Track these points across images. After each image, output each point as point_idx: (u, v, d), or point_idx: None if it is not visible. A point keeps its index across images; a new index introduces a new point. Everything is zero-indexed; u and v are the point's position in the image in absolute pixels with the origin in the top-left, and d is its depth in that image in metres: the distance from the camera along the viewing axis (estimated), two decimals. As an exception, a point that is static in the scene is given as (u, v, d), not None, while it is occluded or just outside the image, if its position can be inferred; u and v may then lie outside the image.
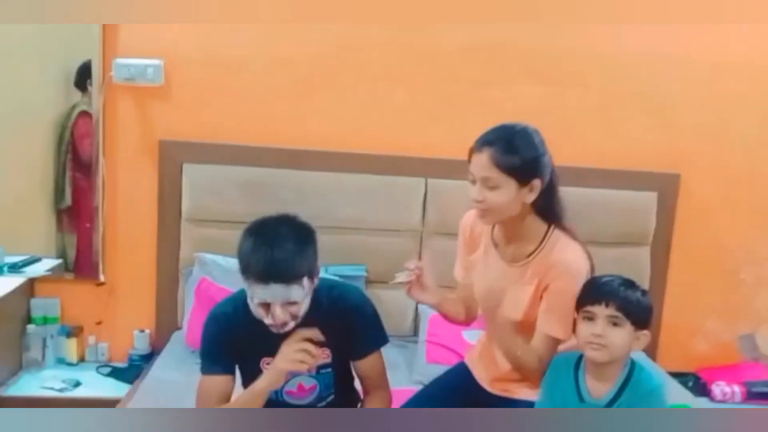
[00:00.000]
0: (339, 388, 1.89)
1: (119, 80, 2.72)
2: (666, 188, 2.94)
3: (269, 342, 1.73)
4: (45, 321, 2.80)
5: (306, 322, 1.75)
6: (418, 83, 2.83)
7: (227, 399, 1.78)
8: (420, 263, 1.87)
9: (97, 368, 2.79)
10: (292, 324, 1.71)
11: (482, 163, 1.72)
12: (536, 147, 1.75)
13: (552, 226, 1.82)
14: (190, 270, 2.76)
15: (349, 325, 1.82)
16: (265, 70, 2.79)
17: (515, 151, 1.72)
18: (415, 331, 2.81)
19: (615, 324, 1.70)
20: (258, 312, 1.70)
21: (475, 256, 1.94)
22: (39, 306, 2.80)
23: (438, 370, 2.40)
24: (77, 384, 2.66)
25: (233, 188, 2.75)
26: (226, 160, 2.78)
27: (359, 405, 1.94)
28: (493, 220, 1.83)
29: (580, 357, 1.79)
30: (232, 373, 1.80)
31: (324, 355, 1.81)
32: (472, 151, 1.75)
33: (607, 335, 1.69)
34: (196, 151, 2.79)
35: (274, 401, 1.84)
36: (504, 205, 1.75)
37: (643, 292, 1.75)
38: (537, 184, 1.75)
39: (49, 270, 2.84)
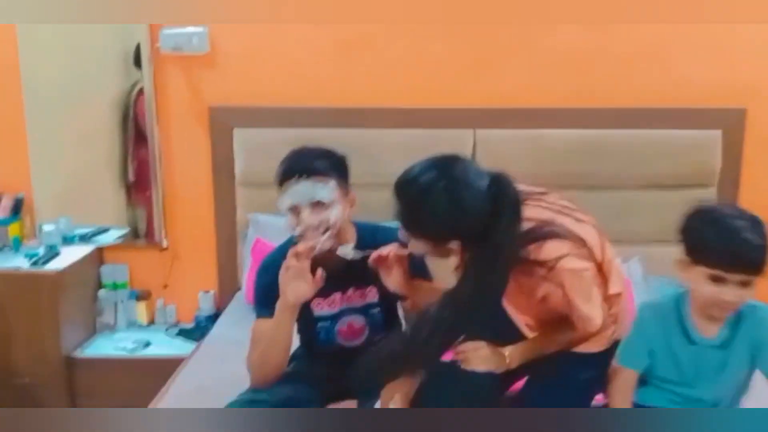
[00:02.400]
0: (389, 332, 1.91)
1: (166, 50, 2.78)
2: (731, 125, 2.77)
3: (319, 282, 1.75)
4: (115, 286, 2.94)
5: (351, 261, 1.80)
6: (460, 32, 2.77)
7: None
8: (403, 250, 1.71)
9: (166, 329, 2.92)
10: (324, 238, 1.73)
11: (394, 212, 1.59)
12: (442, 210, 1.50)
13: None
14: (246, 232, 2.83)
15: None
16: (305, 32, 2.79)
17: (413, 213, 1.54)
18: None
19: (745, 284, 1.54)
20: (291, 224, 1.76)
21: None
22: (109, 272, 2.95)
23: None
24: (147, 344, 2.79)
25: (284, 150, 2.73)
26: (274, 123, 2.81)
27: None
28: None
29: (681, 294, 1.68)
30: None
31: (371, 294, 1.87)
32: None
33: (738, 298, 1.55)
34: (245, 115, 2.84)
35: (326, 344, 1.90)
36: (428, 254, 1.66)
37: (763, 227, 1.54)
38: (455, 245, 1.57)
39: (117, 239, 2.98)
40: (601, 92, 2.81)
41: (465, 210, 1.51)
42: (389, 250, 1.74)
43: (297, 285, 1.71)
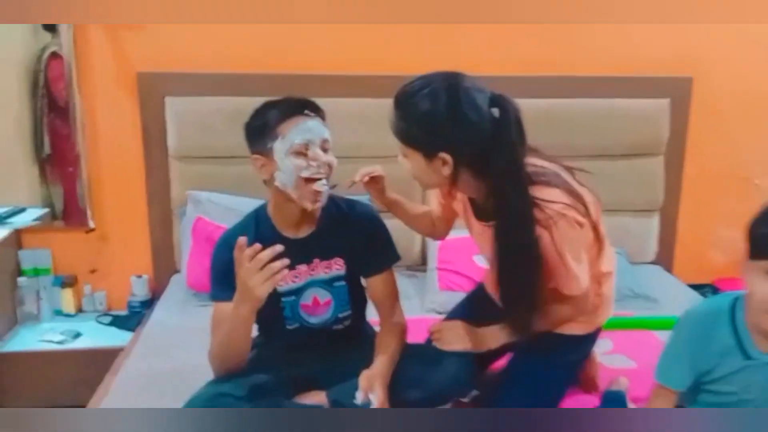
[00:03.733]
0: (354, 309, 1.82)
1: (89, 10, 2.51)
2: (678, 93, 2.79)
3: (284, 257, 1.56)
4: (36, 273, 2.68)
5: (320, 229, 1.73)
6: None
7: None
8: (381, 171, 1.78)
9: (97, 318, 2.70)
10: (326, 184, 1.65)
11: (390, 124, 1.55)
12: (437, 116, 1.46)
13: None
14: (184, 210, 2.63)
15: (364, 236, 1.77)
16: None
17: (409, 120, 1.50)
18: (423, 261, 2.71)
19: None
20: (296, 165, 1.62)
21: (456, 205, 1.77)
22: (29, 257, 2.68)
23: (451, 297, 2.32)
24: (77, 335, 2.56)
25: (222, 121, 2.58)
26: (212, 91, 2.61)
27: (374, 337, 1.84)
28: (425, 187, 1.66)
29: (734, 301, 1.47)
30: None
31: (337, 265, 1.77)
32: None
33: None
34: (178, 82, 2.61)
35: (292, 321, 1.77)
36: (418, 175, 1.56)
37: None
38: (447, 158, 1.49)
39: (36, 220, 2.69)
40: (552, 61, 2.75)
41: (460, 117, 1.45)
42: (362, 174, 1.74)
43: (262, 277, 1.50)
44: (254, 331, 1.82)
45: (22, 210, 2.72)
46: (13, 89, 2.62)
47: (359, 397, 1.60)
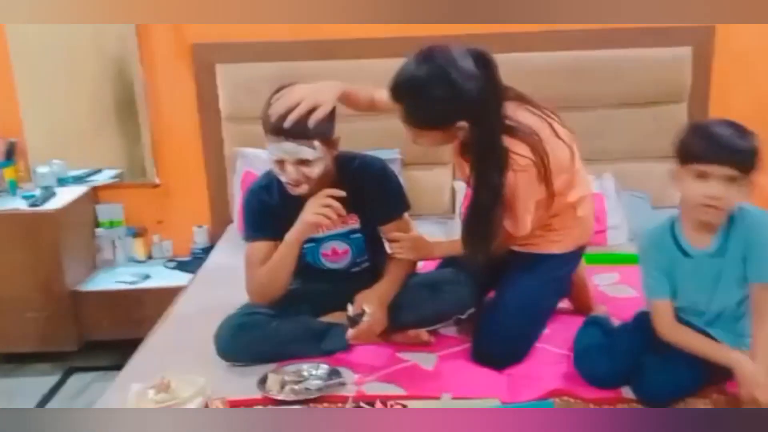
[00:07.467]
0: (371, 254, 2.03)
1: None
2: (700, 41, 2.86)
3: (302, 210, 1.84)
4: (111, 225, 3.04)
5: (335, 187, 1.87)
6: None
7: None
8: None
9: (164, 263, 3.04)
10: (305, 187, 1.83)
11: (400, 117, 1.74)
12: (444, 96, 1.66)
13: None
14: (234, 166, 2.92)
15: (374, 190, 1.94)
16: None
17: (420, 111, 1.70)
18: (453, 210, 2.91)
19: (731, 180, 1.53)
20: (276, 169, 1.83)
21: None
22: (104, 211, 3.04)
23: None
24: (147, 277, 2.92)
25: (268, 84, 2.78)
26: (259, 58, 2.87)
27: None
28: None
29: (674, 216, 1.71)
30: (275, 238, 1.90)
31: (352, 221, 1.96)
32: None
33: (724, 196, 1.54)
34: (228, 51, 2.89)
35: (313, 265, 2.00)
36: (437, 145, 1.83)
37: (752, 134, 1.57)
38: (463, 125, 1.71)
39: (113, 178, 3.05)
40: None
41: (461, 90, 1.65)
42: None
43: (320, 207, 1.81)
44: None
45: (98, 171, 3.09)
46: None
47: (350, 310, 1.84)
